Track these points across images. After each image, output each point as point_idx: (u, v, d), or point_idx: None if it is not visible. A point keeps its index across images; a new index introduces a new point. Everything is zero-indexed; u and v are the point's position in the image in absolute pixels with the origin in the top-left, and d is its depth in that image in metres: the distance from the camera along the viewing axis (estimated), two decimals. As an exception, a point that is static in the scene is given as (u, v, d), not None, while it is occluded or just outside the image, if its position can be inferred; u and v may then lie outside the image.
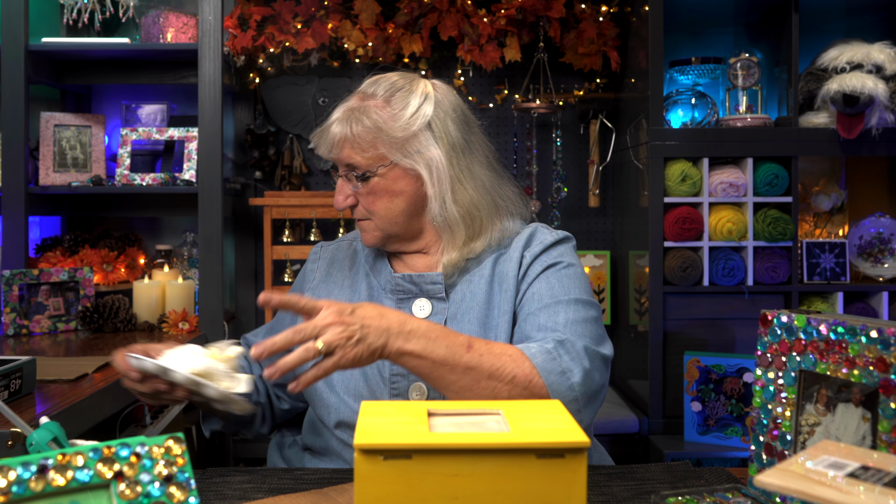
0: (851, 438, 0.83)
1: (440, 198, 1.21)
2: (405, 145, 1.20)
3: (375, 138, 1.19)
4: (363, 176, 1.21)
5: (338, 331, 0.98)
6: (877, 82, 2.23)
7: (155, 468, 0.60)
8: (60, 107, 2.68)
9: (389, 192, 1.21)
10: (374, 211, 1.22)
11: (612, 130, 2.76)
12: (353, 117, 1.20)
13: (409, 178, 1.22)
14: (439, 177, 1.21)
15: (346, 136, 1.20)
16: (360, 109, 1.21)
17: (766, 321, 0.91)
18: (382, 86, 1.24)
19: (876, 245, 2.44)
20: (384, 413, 0.79)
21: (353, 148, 1.20)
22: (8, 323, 2.13)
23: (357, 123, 1.20)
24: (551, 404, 0.84)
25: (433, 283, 1.22)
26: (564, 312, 1.15)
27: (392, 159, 1.20)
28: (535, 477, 0.71)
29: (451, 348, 1.04)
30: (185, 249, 2.69)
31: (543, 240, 1.25)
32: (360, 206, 1.23)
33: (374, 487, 0.70)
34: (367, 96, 1.23)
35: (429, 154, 1.21)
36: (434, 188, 1.21)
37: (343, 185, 1.24)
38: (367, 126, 1.20)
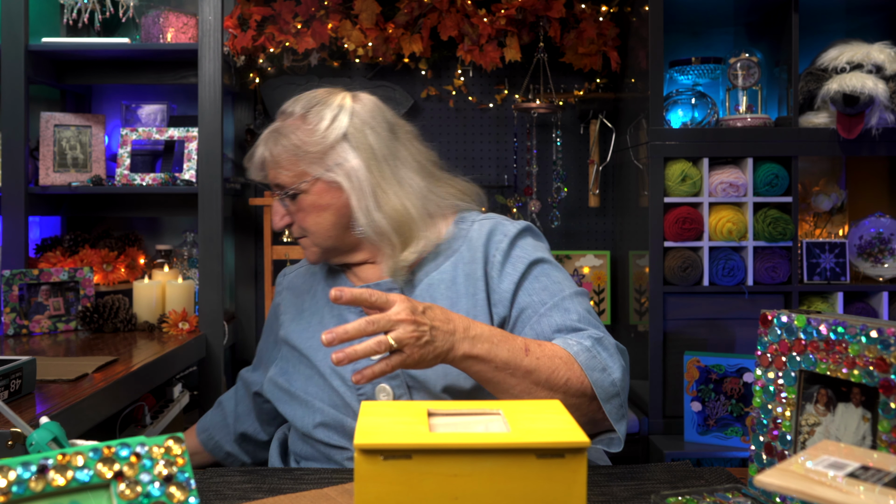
0: (851, 438, 0.83)
1: (364, 208, 1.21)
2: (324, 159, 1.22)
3: (295, 156, 1.22)
4: (291, 194, 1.23)
5: (409, 329, 0.98)
6: (877, 82, 2.23)
7: (155, 468, 0.60)
8: (60, 107, 2.68)
9: (317, 208, 1.23)
10: (306, 228, 1.25)
11: (612, 130, 2.76)
12: (273, 138, 1.24)
13: (333, 191, 1.22)
14: (360, 187, 1.21)
15: (268, 157, 1.24)
16: (278, 130, 1.24)
17: (766, 321, 0.91)
18: (300, 103, 1.26)
19: (876, 245, 2.44)
20: (384, 413, 0.79)
21: (276, 168, 1.23)
22: (8, 323, 2.13)
23: (276, 144, 1.23)
24: (551, 404, 0.84)
25: (390, 289, 1.22)
26: (574, 308, 1.16)
27: (314, 174, 1.22)
28: (535, 477, 0.71)
29: (511, 352, 1.05)
30: (185, 249, 2.69)
31: (507, 231, 1.23)
32: (295, 224, 1.26)
33: (374, 487, 0.70)
34: (286, 115, 1.26)
35: (348, 165, 1.21)
36: (356, 198, 1.21)
37: (278, 206, 1.27)
38: (286, 145, 1.22)
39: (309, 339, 1.27)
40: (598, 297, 2.84)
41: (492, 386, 1.07)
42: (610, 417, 1.08)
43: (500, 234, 1.23)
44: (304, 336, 1.28)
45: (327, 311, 1.28)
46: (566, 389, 1.06)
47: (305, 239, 1.27)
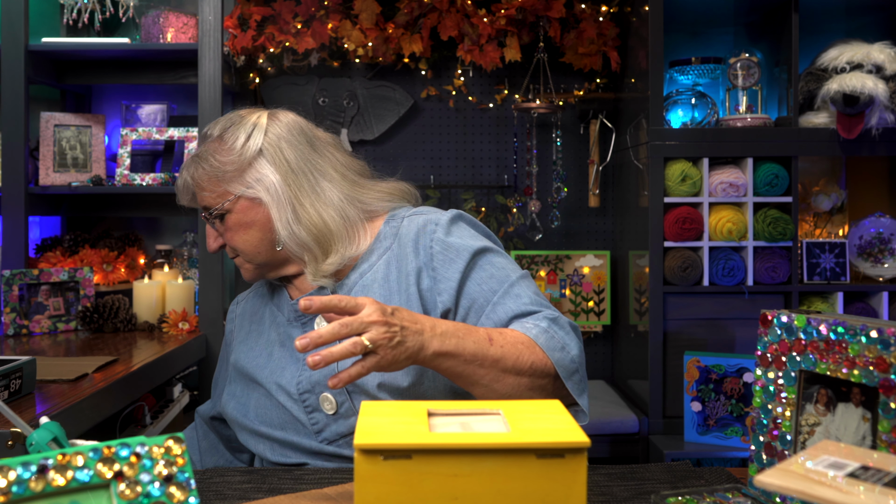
0: (851, 438, 0.83)
1: (284, 220, 1.22)
2: (243, 176, 1.24)
3: (215, 177, 1.24)
4: (217, 215, 1.25)
5: (382, 330, 0.98)
6: (877, 82, 2.23)
7: (155, 468, 0.60)
8: (60, 107, 2.68)
9: (243, 225, 1.24)
10: (236, 247, 1.26)
11: (612, 130, 2.76)
12: (194, 163, 1.26)
13: (256, 207, 1.24)
14: (279, 200, 1.23)
15: (190, 182, 1.27)
16: (199, 155, 1.27)
17: (766, 321, 0.91)
18: (218, 125, 1.29)
19: (876, 245, 2.44)
20: (384, 413, 0.79)
21: (201, 191, 1.26)
22: (8, 323, 2.13)
23: (197, 168, 1.26)
24: (551, 404, 0.84)
25: None
26: (524, 293, 1.18)
27: (235, 192, 1.24)
28: (535, 477, 0.71)
29: (478, 343, 1.06)
30: (185, 249, 2.69)
31: (438, 221, 1.23)
32: (227, 245, 1.28)
33: (373, 487, 0.70)
34: (206, 138, 1.29)
35: (267, 180, 1.23)
36: (276, 211, 1.23)
37: (210, 230, 1.29)
38: (206, 168, 1.25)
39: (255, 359, 1.28)
40: (598, 297, 2.84)
41: (462, 379, 1.07)
42: (573, 393, 1.12)
43: (433, 224, 1.23)
44: (251, 356, 1.29)
45: (272, 329, 1.30)
46: (532, 372, 1.09)
47: (238, 258, 1.28)
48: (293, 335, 1.26)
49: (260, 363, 1.27)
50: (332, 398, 1.18)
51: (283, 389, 1.22)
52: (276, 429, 1.22)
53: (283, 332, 1.28)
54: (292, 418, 1.21)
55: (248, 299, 1.41)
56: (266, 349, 1.28)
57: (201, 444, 1.43)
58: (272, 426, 1.23)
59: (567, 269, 2.84)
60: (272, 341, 1.28)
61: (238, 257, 1.28)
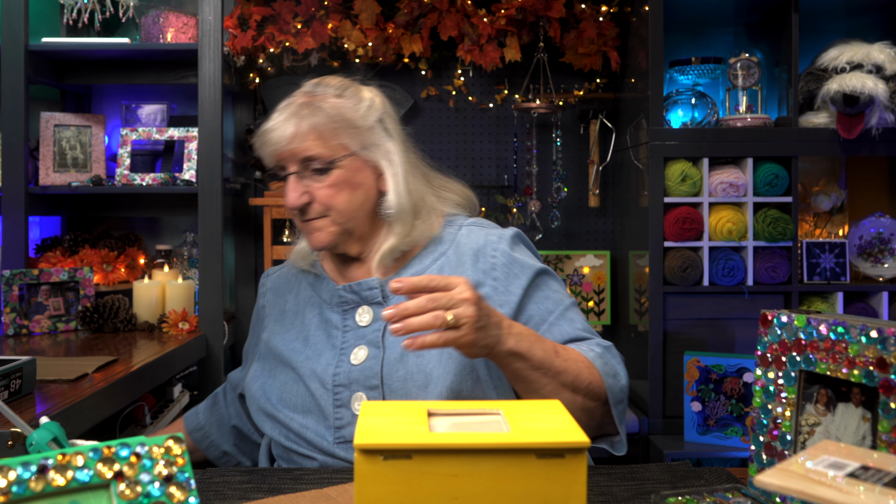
0: (851, 438, 0.83)
1: (397, 190, 1.22)
2: (363, 136, 1.22)
3: (338, 127, 1.20)
4: (323, 169, 1.20)
5: (471, 310, 0.98)
6: (877, 82, 2.23)
7: (155, 468, 0.60)
8: (60, 107, 2.68)
9: (351, 185, 1.21)
10: (333, 206, 1.20)
11: (612, 130, 2.76)
12: (310, 110, 1.20)
13: (367, 170, 1.22)
14: (395, 170, 1.23)
15: (304, 128, 1.19)
16: (313, 104, 1.21)
17: (766, 321, 0.91)
18: (330, 84, 1.26)
19: (876, 245, 2.44)
20: (384, 413, 0.79)
21: (315, 140, 1.19)
22: (8, 323, 2.13)
23: (316, 114, 1.20)
24: (551, 404, 0.84)
25: (370, 289, 1.22)
26: (576, 319, 1.21)
27: (353, 150, 1.21)
28: (535, 477, 0.71)
29: (545, 352, 1.06)
30: (185, 249, 2.69)
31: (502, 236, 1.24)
32: (317, 202, 1.21)
33: (373, 487, 0.70)
34: (316, 95, 1.24)
35: (385, 147, 1.23)
36: (391, 179, 1.22)
37: (296, 184, 1.21)
38: (330, 115, 1.20)
39: (291, 342, 1.26)
40: (598, 297, 2.84)
41: (524, 384, 1.07)
42: (616, 420, 1.13)
43: (496, 237, 1.24)
44: (286, 338, 1.27)
45: (309, 312, 1.28)
46: (587, 392, 1.09)
47: (325, 219, 1.22)
48: (332, 321, 1.24)
49: (296, 347, 1.24)
50: (364, 397, 1.17)
51: (316, 376, 1.19)
52: (298, 412, 1.20)
53: (322, 317, 1.25)
54: (317, 407, 1.19)
55: (280, 274, 1.38)
56: (301, 332, 1.26)
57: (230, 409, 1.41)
58: (294, 409, 1.20)
59: (567, 269, 2.84)
60: (308, 324, 1.26)
61: (323, 218, 1.22)
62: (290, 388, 1.22)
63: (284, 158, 1.21)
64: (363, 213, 1.23)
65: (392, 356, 1.17)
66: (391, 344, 1.18)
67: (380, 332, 1.19)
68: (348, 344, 1.20)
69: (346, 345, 1.20)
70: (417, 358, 1.16)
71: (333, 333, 1.23)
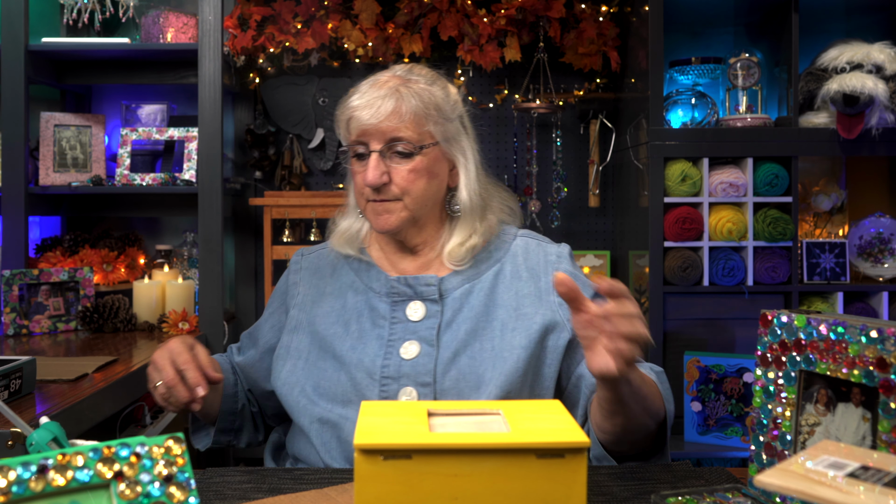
0: (851, 438, 0.83)
1: (469, 186, 1.24)
2: (447, 129, 1.23)
3: (430, 115, 1.21)
4: (408, 153, 1.20)
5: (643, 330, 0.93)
6: (877, 82, 2.23)
7: (155, 468, 0.60)
8: (60, 107, 2.68)
9: (429, 173, 1.22)
10: (410, 191, 1.20)
11: (612, 130, 2.76)
12: (409, 93, 1.20)
13: (444, 162, 1.24)
14: (469, 166, 1.25)
15: (403, 109, 1.19)
16: (410, 87, 1.21)
17: (766, 321, 0.91)
18: (421, 73, 1.26)
19: (876, 245, 2.44)
20: (384, 413, 0.79)
21: (410, 122, 1.19)
22: (8, 323, 2.13)
23: (414, 98, 1.20)
24: (551, 404, 0.84)
25: (427, 285, 1.22)
26: None
27: (437, 139, 1.22)
28: (535, 477, 0.71)
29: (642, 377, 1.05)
30: (185, 249, 2.69)
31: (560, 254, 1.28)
32: (394, 184, 1.20)
33: (373, 487, 0.70)
34: (410, 80, 1.24)
35: (462, 143, 1.26)
36: (464, 174, 1.25)
37: (378, 162, 1.19)
38: (426, 101, 1.21)
39: (331, 325, 1.23)
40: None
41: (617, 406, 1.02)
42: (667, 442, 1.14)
43: (555, 256, 1.27)
44: (327, 321, 1.24)
45: (353, 298, 1.25)
46: (654, 416, 1.09)
47: (398, 202, 1.21)
48: (380, 310, 1.22)
49: (337, 331, 1.22)
50: (414, 392, 1.16)
51: (363, 367, 1.18)
52: (337, 403, 1.17)
53: (368, 304, 1.23)
54: (361, 397, 1.16)
55: (319, 255, 1.35)
56: (342, 316, 1.24)
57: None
58: (333, 399, 1.18)
59: (567, 269, 2.83)
60: (350, 309, 1.24)
61: (397, 201, 1.21)
62: (331, 376, 1.19)
63: (371, 135, 1.20)
64: (432, 204, 1.24)
65: (446, 355, 1.17)
66: (446, 343, 1.18)
67: (434, 330, 1.19)
68: (396, 336, 1.19)
69: (395, 337, 1.19)
70: (470, 360, 1.16)
71: (380, 323, 1.21)
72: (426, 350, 1.17)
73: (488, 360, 1.17)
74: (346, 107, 1.23)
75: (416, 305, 1.21)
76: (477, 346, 1.18)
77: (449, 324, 1.20)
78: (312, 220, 2.70)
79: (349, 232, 1.30)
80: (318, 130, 2.83)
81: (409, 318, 1.20)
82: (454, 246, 1.24)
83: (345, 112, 1.23)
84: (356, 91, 1.24)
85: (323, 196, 2.62)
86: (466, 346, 1.18)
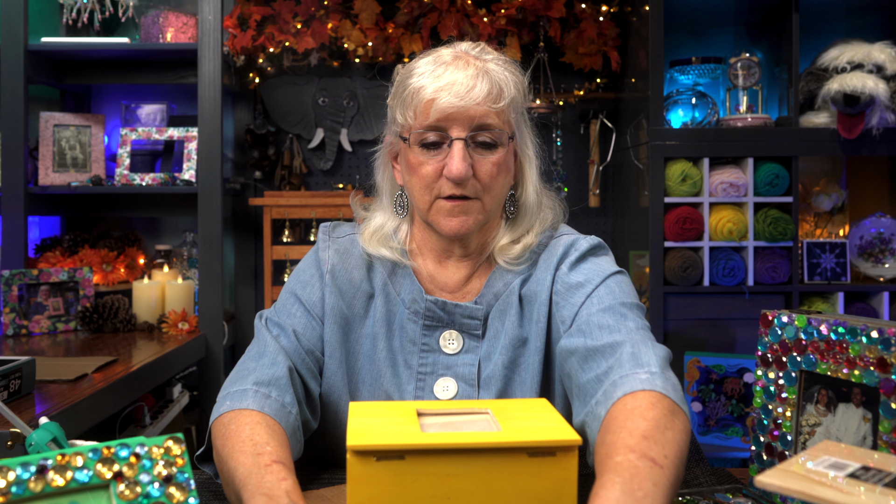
0: (852, 439, 0.82)
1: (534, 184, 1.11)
2: (520, 120, 1.09)
3: (514, 103, 1.06)
4: (492, 143, 1.03)
5: None
6: (877, 82, 2.23)
7: (154, 468, 0.60)
8: (60, 107, 2.68)
9: (505, 168, 1.06)
10: (491, 187, 1.04)
11: (612, 130, 2.76)
12: (500, 73, 1.04)
13: (512, 157, 1.08)
14: (533, 161, 1.11)
15: (496, 92, 1.03)
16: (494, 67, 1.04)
17: (767, 321, 0.91)
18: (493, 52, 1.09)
19: (876, 245, 2.44)
20: (374, 414, 0.79)
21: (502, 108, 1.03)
22: (7, 323, 2.13)
23: (508, 84, 1.04)
24: (538, 403, 0.84)
25: (469, 318, 1.06)
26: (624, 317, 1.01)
27: (515, 131, 1.07)
28: (526, 476, 0.71)
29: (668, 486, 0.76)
30: (185, 249, 2.69)
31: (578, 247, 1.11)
32: (477, 179, 1.03)
33: (366, 488, 0.70)
34: (485, 60, 1.05)
35: (526, 135, 1.11)
36: (529, 171, 1.11)
37: (464, 152, 1.01)
38: (516, 89, 1.06)
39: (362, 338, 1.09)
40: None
41: None
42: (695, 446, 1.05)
43: (574, 248, 1.10)
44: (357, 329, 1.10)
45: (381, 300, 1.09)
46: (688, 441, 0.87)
47: (477, 202, 1.04)
48: (409, 331, 1.07)
49: (365, 346, 1.08)
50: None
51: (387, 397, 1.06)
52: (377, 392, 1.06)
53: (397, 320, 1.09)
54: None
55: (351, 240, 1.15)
56: (370, 324, 1.09)
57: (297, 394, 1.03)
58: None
59: (567, 269, 2.83)
60: (380, 321, 1.08)
61: (476, 201, 1.04)
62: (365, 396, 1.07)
63: (455, 120, 1.02)
64: (502, 204, 1.09)
65: (488, 397, 1.04)
66: (486, 382, 1.05)
67: (475, 368, 1.05)
68: (427, 370, 1.06)
69: (425, 370, 1.06)
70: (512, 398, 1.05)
71: (408, 348, 1.07)
72: (465, 391, 1.05)
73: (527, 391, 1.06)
74: (421, 87, 1.03)
75: (452, 335, 1.07)
76: (517, 380, 1.06)
77: (488, 356, 1.06)
78: (312, 220, 2.69)
79: (383, 231, 1.12)
80: (317, 130, 2.83)
81: (442, 349, 1.06)
82: (507, 243, 1.09)
83: (420, 93, 1.03)
84: (420, 71, 1.05)
85: (323, 196, 2.62)
86: (508, 383, 1.05)
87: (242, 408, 0.94)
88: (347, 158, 2.89)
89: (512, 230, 1.10)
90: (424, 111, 1.03)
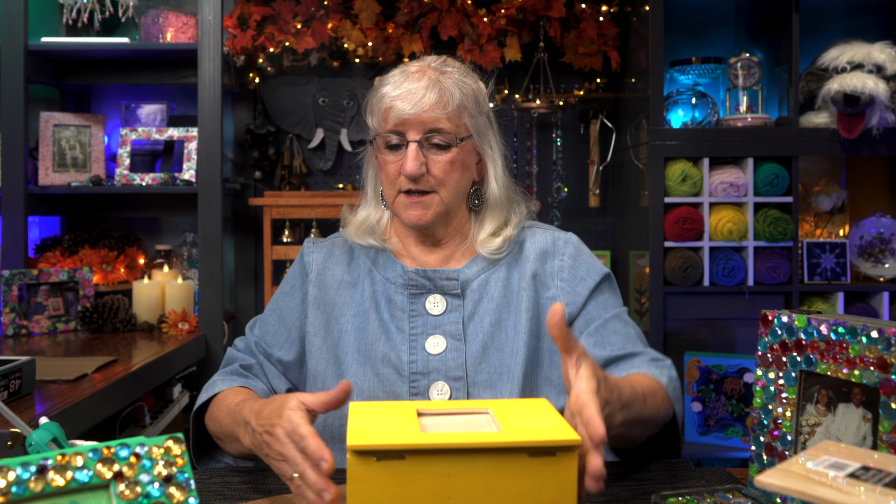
0: (852, 439, 0.82)
1: (497, 179, 1.25)
2: (479, 122, 1.24)
3: (466, 108, 1.21)
4: (445, 145, 1.18)
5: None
6: (877, 82, 2.23)
7: (154, 468, 0.60)
8: (60, 107, 2.68)
9: (463, 166, 1.21)
10: (446, 182, 1.19)
11: (612, 130, 2.76)
12: (450, 84, 1.20)
13: (473, 155, 1.24)
14: (495, 159, 1.26)
15: (446, 100, 1.18)
16: (448, 78, 1.21)
17: (767, 321, 0.91)
18: (454, 65, 1.26)
19: (876, 245, 2.44)
20: (374, 414, 0.79)
21: (452, 114, 1.19)
22: (7, 323, 2.13)
23: (456, 88, 1.20)
24: (539, 403, 0.84)
25: (448, 279, 1.20)
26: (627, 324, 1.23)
27: (471, 132, 1.22)
28: (527, 475, 0.71)
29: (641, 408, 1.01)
30: (185, 249, 2.69)
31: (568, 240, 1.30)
32: (430, 176, 1.18)
33: (367, 488, 0.70)
34: (445, 72, 1.23)
35: (490, 137, 1.27)
36: (492, 168, 1.25)
37: (416, 153, 1.17)
38: (465, 93, 1.21)
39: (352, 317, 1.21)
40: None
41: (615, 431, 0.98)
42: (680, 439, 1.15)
43: (563, 242, 1.28)
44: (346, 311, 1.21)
45: (367, 284, 1.22)
46: (658, 424, 1.09)
47: (433, 195, 1.19)
48: (397, 301, 1.20)
49: (358, 323, 1.20)
50: (446, 388, 1.15)
51: (390, 362, 1.16)
52: (363, 399, 1.15)
53: (385, 295, 1.21)
54: (389, 394, 1.15)
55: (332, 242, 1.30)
56: (360, 305, 1.21)
57: None
58: (359, 395, 1.15)
59: (567, 269, 2.84)
60: (365, 297, 1.21)
61: (433, 194, 1.19)
62: (355, 371, 1.17)
63: (410, 125, 1.18)
64: (462, 197, 1.24)
65: (475, 349, 1.17)
66: (472, 336, 1.18)
67: (459, 325, 1.18)
68: (418, 331, 1.18)
69: (416, 331, 1.18)
70: (498, 352, 1.17)
71: (398, 315, 1.19)
72: (453, 345, 1.17)
73: (509, 350, 1.17)
74: (383, 96, 1.21)
75: (436, 299, 1.20)
76: (503, 337, 1.18)
77: (471, 316, 1.20)
78: (312, 220, 2.69)
79: (368, 222, 1.28)
80: (317, 130, 2.83)
81: (429, 312, 1.19)
82: (486, 236, 1.24)
83: (381, 101, 1.21)
84: (388, 81, 1.23)
85: (323, 196, 2.62)
86: (493, 339, 1.18)
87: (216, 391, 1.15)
88: (347, 158, 2.89)
89: (490, 223, 1.25)
90: (385, 117, 1.20)
